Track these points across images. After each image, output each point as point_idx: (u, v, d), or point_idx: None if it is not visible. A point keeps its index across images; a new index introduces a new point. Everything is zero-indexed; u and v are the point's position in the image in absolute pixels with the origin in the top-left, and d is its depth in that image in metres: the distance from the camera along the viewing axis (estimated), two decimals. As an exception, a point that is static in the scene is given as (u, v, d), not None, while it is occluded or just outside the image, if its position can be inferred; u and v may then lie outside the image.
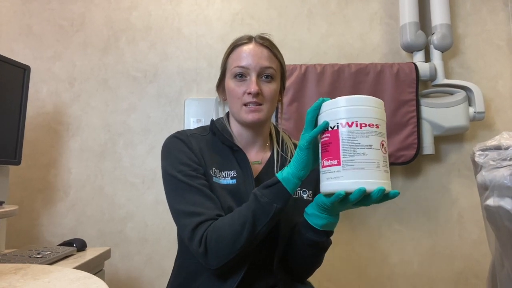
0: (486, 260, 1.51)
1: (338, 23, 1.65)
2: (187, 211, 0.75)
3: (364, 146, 0.60)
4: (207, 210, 0.74)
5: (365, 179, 0.59)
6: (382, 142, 0.61)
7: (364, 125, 0.61)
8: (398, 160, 1.46)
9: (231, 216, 0.73)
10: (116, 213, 1.54)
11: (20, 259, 1.00)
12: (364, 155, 0.60)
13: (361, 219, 1.57)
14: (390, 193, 0.62)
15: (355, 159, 0.60)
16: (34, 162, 1.54)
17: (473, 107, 1.51)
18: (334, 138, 0.62)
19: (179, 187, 0.78)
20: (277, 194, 0.70)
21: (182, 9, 1.65)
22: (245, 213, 0.71)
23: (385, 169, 0.61)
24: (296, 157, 0.69)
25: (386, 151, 0.63)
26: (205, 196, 0.76)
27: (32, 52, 1.60)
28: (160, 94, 1.60)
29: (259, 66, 0.82)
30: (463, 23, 1.65)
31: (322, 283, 1.53)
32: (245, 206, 0.73)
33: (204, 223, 0.72)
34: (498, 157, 0.86)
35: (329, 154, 0.63)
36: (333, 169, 0.62)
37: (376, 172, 0.60)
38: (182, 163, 0.79)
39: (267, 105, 0.83)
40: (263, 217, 0.70)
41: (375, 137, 0.61)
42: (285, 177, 0.69)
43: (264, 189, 0.71)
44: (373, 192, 0.59)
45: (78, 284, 0.59)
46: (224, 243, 0.70)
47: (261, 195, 0.70)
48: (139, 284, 1.52)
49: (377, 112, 0.63)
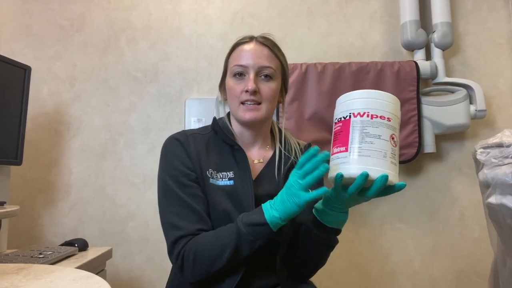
0: (488, 258, 1.51)
1: (338, 22, 1.65)
2: (170, 223, 0.76)
3: (372, 136, 0.61)
4: (188, 224, 0.75)
5: (369, 165, 0.60)
6: (392, 135, 0.62)
7: (376, 116, 0.62)
8: (399, 159, 1.46)
9: (211, 238, 0.73)
10: (117, 212, 1.54)
11: (22, 259, 1.00)
12: (372, 144, 0.61)
13: (362, 218, 1.57)
14: (396, 185, 0.62)
15: (362, 147, 0.61)
16: (35, 162, 1.54)
17: (474, 105, 1.50)
18: (345, 127, 0.64)
19: (168, 195, 0.79)
20: (263, 234, 0.70)
21: (182, 8, 1.64)
22: (227, 242, 0.71)
23: (392, 160, 0.62)
24: (288, 208, 0.66)
25: (397, 145, 0.63)
26: (190, 208, 0.77)
27: (32, 52, 1.60)
28: (160, 94, 1.60)
29: (258, 65, 0.81)
30: (464, 21, 1.65)
31: (323, 282, 1.53)
32: (227, 234, 0.72)
33: (183, 239, 0.74)
34: (500, 154, 0.86)
35: (339, 141, 0.64)
36: (340, 155, 0.63)
37: (381, 161, 0.61)
38: (174, 168, 0.80)
39: (265, 104, 0.82)
40: (244, 250, 0.71)
41: (385, 129, 0.62)
42: (273, 221, 0.68)
43: (249, 226, 0.70)
44: (377, 179, 0.59)
45: (80, 283, 0.59)
46: (201, 265, 0.72)
47: (246, 233, 0.69)
48: (140, 283, 1.52)
49: (390, 107, 0.64)
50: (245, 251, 0.71)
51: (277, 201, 0.69)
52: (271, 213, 0.68)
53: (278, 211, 0.67)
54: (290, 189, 0.66)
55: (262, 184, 0.84)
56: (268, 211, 0.69)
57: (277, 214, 0.67)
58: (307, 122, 1.47)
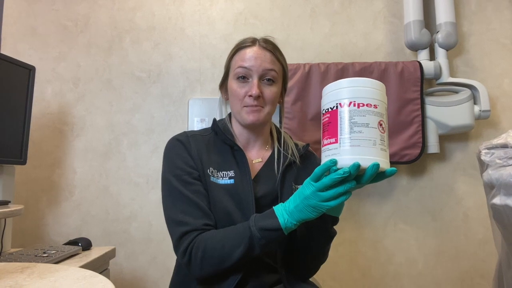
0: (492, 259, 1.50)
1: (341, 23, 1.65)
2: (176, 220, 0.77)
3: (360, 125, 0.62)
4: (194, 219, 0.76)
5: (360, 155, 0.61)
6: (380, 122, 0.63)
7: (362, 104, 0.62)
8: (403, 159, 1.46)
9: (222, 237, 0.73)
10: (120, 212, 1.55)
11: (26, 258, 1.00)
12: (361, 133, 0.61)
13: (365, 218, 1.56)
14: (386, 170, 0.63)
15: (351, 137, 0.62)
16: (39, 162, 1.55)
17: (478, 105, 1.49)
18: (333, 118, 0.64)
19: (172, 193, 0.80)
20: (276, 238, 0.71)
21: (186, 9, 1.65)
22: (238, 243, 0.72)
23: (382, 147, 0.62)
24: (307, 216, 0.67)
25: (385, 131, 0.64)
26: (194, 205, 0.77)
27: (36, 53, 1.61)
28: (164, 94, 1.61)
29: (262, 68, 0.83)
30: (468, 22, 1.64)
31: (326, 282, 1.52)
32: (239, 235, 0.72)
33: (189, 234, 0.75)
34: (505, 155, 0.85)
35: (328, 133, 0.65)
36: (331, 146, 0.64)
37: (372, 149, 0.61)
38: (177, 167, 0.81)
39: (267, 107, 0.84)
40: (256, 252, 0.72)
41: (372, 116, 0.62)
42: (288, 227, 0.69)
43: (263, 231, 0.70)
44: (368, 168, 0.60)
45: (84, 283, 0.59)
46: (210, 262, 0.72)
47: (260, 238, 0.70)
48: (144, 283, 1.53)
49: (376, 93, 0.64)
50: (257, 252, 0.72)
51: (292, 208, 0.68)
52: (286, 219, 0.69)
53: (295, 218, 0.68)
54: (308, 201, 0.66)
55: (260, 183, 0.85)
56: (282, 217, 0.69)
57: (294, 221, 0.68)
58: (310, 123, 1.46)
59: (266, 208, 0.74)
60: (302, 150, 0.92)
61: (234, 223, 0.77)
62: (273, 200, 0.84)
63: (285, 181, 0.86)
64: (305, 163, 0.91)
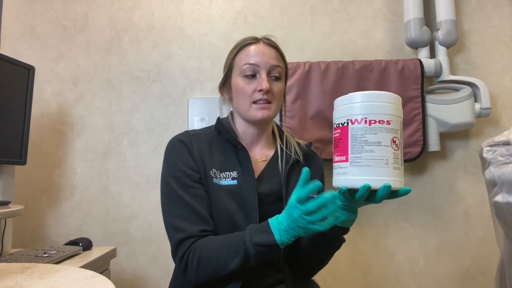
0: (493, 257, 1.50)
1: (341, 21, 1.64)
2: (173, 225, 0.77)
3: (372, 143, 0.59)
4: (190, 225, 0.75)
5: (371, 176, 0.59)
6: (393, 138, 0.61)
7: (374, 121, 0.60)
8: (404, 157, 1.44)
9: (218, 247, 0.73)
10: (121, 212, 1.55)
11: (26, 259, 1.00)
12: (372, 152, 0.59)
13: (366, 217, 1.56)
14: (399, 190, 0.61)
15: (362, 156, 0.59)
16: (39, 162, 1.55)
17: (479, 103, 1.49)
18: (344, 135, 0.62)
19: (170, 196, 0.80)
20: (272, 253, 0.71)
21: (185, 8, 1.64)
22: (233, 255, 0.71)
23: (395, 166, 0.60)
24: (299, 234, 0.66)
25: (399, 148, 0.62)
26: (191, 210, 0.77)
27: (35, 53, 1.60)
28: (163, 94, 1.60)
29: (269, 64, 0.83)
30: (468, 19, 1.64)
31: (327, 281, 1.52)
32: (234, 247, 0.71)
33: (186, 241, 0.74)
34: (507, 153, 0.85)
35: (339, 150, 0.63)
36: (342, 165, 0.62)
37: (383, 169, 0.59)
38: (177, 169, 0.81)
39: (275, 103, 0.85)
40: (251, 264, 0.72)
41: (385, 133, 0.60)
42: (284, 242, 0.68)
43: (258, 246, 0.69)
44: (379, 190, 0.59)
45: (84, 283, 0.59)
46: (205, 271, 0.72)
47: (255, 253, 0.69)
48: (144, 283, 1.52)
49: (390, 108, 0.62)
50: (252, 265, 0.72)
51: (286, 226, 0.67)
52: (282, 234, 0.68)
53: (290, 235, 0.67)
54: (298, 223, 0.65)
55: (264, 182, 0.85)
56: (278, 233, 0.68)
57: (290, 237, 0.68)
58: (310, 121, 1.46)
59: (270, 206, 0.74)
60: (306, 148, 0.92)
61: (236, 224, 0.77)
62: (277, 199, 0.84)
63: (290, 180, 0.85)
64: (309, 163, 0.91)
